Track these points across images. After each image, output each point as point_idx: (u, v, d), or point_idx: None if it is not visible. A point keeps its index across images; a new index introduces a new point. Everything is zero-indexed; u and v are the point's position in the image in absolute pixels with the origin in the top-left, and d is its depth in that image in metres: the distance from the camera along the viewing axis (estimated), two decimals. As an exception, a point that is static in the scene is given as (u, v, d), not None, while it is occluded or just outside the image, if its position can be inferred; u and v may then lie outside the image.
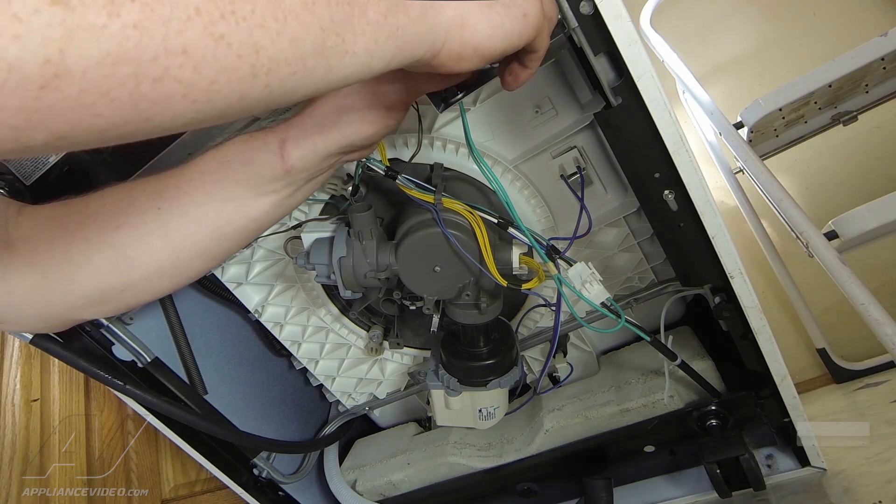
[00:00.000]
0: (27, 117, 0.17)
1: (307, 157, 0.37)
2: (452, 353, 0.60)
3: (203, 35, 0.19)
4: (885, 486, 0.52)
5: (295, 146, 0.37)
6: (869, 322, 0.60)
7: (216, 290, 0.74)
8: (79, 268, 0.36)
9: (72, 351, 0.53)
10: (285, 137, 0.37)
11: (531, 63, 0.36)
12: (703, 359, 0.64)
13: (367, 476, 0.77)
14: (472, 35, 0.30)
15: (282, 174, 0.37)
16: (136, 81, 0.19)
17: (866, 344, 1.00)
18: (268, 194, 0.38)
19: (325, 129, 0.37)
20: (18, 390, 0.94)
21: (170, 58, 0.19)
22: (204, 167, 0.37)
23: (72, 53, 0.17)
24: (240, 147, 0.37)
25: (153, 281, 0.38)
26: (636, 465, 0.70)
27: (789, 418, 0.57)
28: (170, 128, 0.21)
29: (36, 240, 0.36)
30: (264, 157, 0.37)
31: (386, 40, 0.27)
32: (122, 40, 0.18)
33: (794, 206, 0.71)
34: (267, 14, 0.21)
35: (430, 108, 0.54)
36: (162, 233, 0.36)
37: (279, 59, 0.22)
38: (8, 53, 0.16)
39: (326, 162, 0.38)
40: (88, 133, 0.19)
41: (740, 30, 1.23)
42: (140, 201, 0.36)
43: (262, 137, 0.37)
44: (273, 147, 0.37)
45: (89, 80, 0.18)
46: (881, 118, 1.05)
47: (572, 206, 0.60)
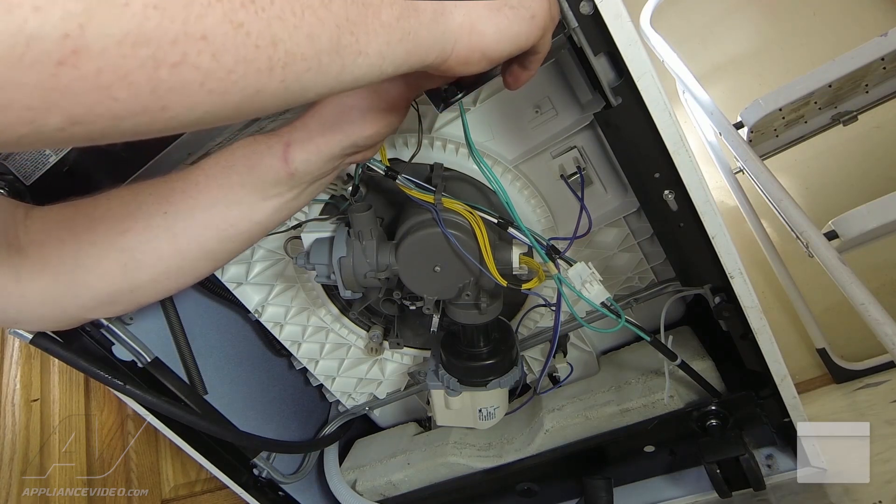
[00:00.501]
0: (44, 96, 0.17)
1: (311, 160, 0.37)
2: (452, 353, 0.60)
3: (223, 22, 0.19)
4: (885, 486, 0.52)
5: (299, 149, 0.37)
6: (869, 322, 0.60)
7: (216, 290, 0.74)
8: (89, 271, 0.36)
9: (72, 351, 0.53)
10: (289, 141, 0.37)
11: (532, 64, 0.36)
12: (703, 359, 0.64)
13: (367, 476, 0.77)
14: (480, 39, 0.30)
15: (286, 178, 0.37)
16: (155, 65, 0.18)
17: (866, 344, 1.00)
18: (272, 198, 0.38)
19: (328, 130, 0.37)
20: (18, 390, 0.94)
21: (189, 43, 0.19)
22: (209, 171, 0.37)
23: (92, 30, 0.17)
24: (244, 151, 0.37)
25: (160, 282, 0.38)
26: (636, 465, 0.70)
27: (789, 418, 0.57)
28: (185, 121, 0.21)
29: (46, 244, 0.36)
30: (268, 161, 0.37)
31: (398, 44, 0.27)
32: (143, 20, 0.17)
33: (794, 206, 0.71)
34: (286, 7, 0.21)
35: (430, 107, 0.54)
36: (168, 236, 0.37)
37: (296, 54, 0.22)
38: (27, 25, 0.15)
39: (330, 164, 0.39)
40: (104, 120, 0.19)
41: (740, 30, 1.23)
42: (147, 205, 0.37)
43: (266, 141, 0.38)
44: (277, 151, 0.37)
45: (108, 60, 0.17)
46: (881, 118, 1.05)
47: (572, 206, 0.60)
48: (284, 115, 0.52)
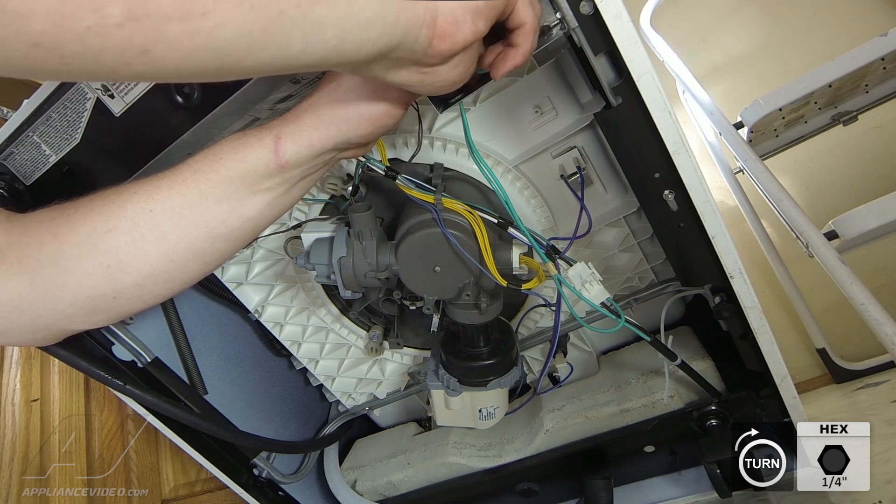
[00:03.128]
0: None
1: (302, 153, 0.36)
2: (452, 353, 0.60)
3: None
4: (885, 486, 0.52)
5: (290, 141, 0.36)
6: (869, 322, 0.60)
7: (216, 290, 0.74)
8: (69, 273, 0.35)
9: (72, 351, 0.53)
10: (280, 133, 0.36)
11: (519, 39, 0.34)
12: (703, 359, 0.64)
13: (367, 476, 0.77)
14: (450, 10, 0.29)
15: (276, 170, 0.36)
16: None
17: (866, 344, 1.00)
18: (262, 192, 0.37)
19: (321, 124, 0.36)
20: (18, 390, 0.94)
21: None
22: (196, 167, 0.36)
23: None
24: (232, 144, 0.37)
25: (146, 287, 0.37)
26: (636, 465, 0.70)
27: (789, 418, 0.57)
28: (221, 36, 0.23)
29: (25, 245, 0.35)
30: (258, 153, 0.36)
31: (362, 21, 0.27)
32: None
33: (794, 206, 0.71)
34: None
35: (430, 108, 0.54)
36: (155, 236, 0.35)
37: None
38: None
39: (321, 158, 0.38)
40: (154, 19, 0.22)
41: (740, 30, 1.23)
42: (132, 204, 0.35)
43: (256, 134, 0.37)
44: (267, 143, 0.36)
45: None
46: (881, 118, 1.05)
47: (572, 206, 0.60)
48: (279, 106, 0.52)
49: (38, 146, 0.47)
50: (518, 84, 0.54)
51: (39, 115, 0.46)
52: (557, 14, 0.39)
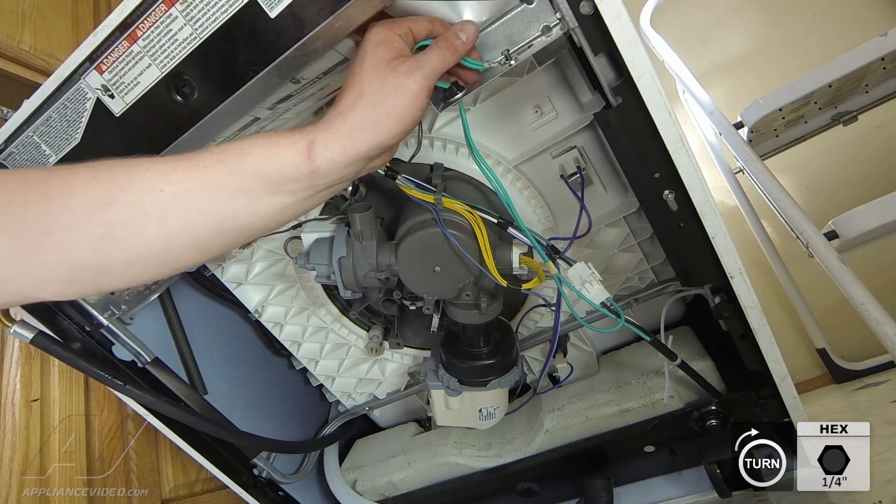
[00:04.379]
0: None
1: (335, 160, 0.36)
2: (452, 353, 0.60)
3: None
4: (885, 486, 0.52)
5: (324, 147, 0.36)
6: (869, 322, 0.60)
7: (216, 290, 0.74)
8: (53, 238, 0.32)
9: (72, 351, 0.53)
10: (314, 139, 0.36)
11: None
12: (703, 359, 0.64)
13: (367, 476, 0.77)
14: None
15: (305, 175, 0.36)
16: None
17: (866, 344, 1.00)
18: (282, 194, 0.37)
19: (354, 130, 0.36)
20: (18, 390, 0.94)
21: None
22: (220, 156, 0.35)
23: None
24: (262, 141, 0.36)
25: (134, 266, 0.35)
26: (636, 465, 0.70)
27: (789, 418, 0.57)
28: None
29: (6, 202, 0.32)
30: (289, 154, 0.36)
31: None
32: None
33: (794, 206, 0.71)
34: None
35: (429, 108, 0.53)
36: (159, 216, 0.34)
37: None
38: None
39: (352, 168, 0.38)
40: None
41: (740, 30, 1.23)
42: (141, 180, 0.34)
43: (289, 136, 0.36)
44: (300, 147, 0.36)
45: None
46: (881, 118, 1.05)
47: (572, 206, 0.60)
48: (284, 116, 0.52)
49: (38, 146, 0.47)
50: (518, 84, 0.54)
51: (39, 115, 0.46)
52: (557, 14, 0.39)
